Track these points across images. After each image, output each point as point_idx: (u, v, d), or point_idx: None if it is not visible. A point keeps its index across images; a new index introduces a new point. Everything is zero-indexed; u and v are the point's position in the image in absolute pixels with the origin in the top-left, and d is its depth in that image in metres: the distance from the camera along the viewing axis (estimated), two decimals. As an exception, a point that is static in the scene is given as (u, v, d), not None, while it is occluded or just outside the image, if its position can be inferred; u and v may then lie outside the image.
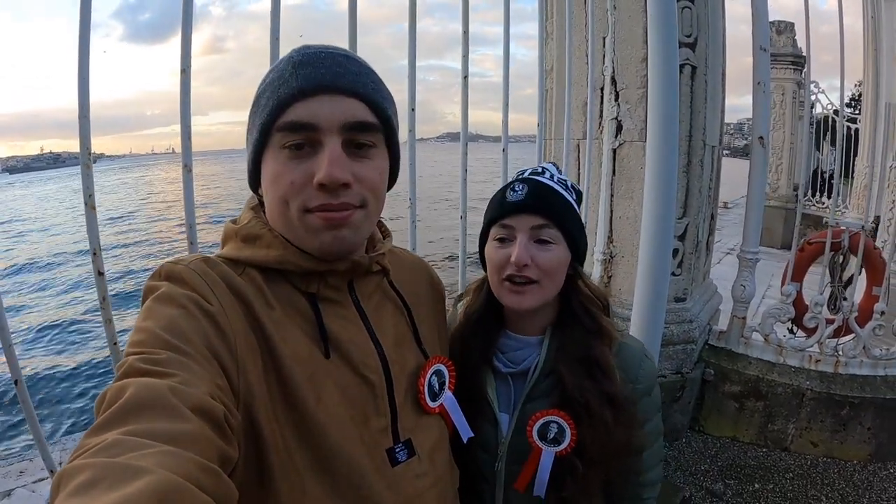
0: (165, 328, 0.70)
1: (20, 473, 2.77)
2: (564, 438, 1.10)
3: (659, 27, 2.11)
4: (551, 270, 1.14)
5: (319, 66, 0.83)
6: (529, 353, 1.20)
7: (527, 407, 1.15)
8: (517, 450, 1.15)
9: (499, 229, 1.17)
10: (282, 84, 0.83)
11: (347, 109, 0.83)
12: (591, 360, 1.14)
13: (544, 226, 1.14)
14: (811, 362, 3.67)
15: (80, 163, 1.46)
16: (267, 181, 0.86)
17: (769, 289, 6.87)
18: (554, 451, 1.11)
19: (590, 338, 1.17)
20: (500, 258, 1.15)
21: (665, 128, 2.15)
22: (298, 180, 0.81)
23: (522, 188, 1.16)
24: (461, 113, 2.20)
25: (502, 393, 1.20)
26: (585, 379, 1.12)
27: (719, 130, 3.99)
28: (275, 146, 0.83)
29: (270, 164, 0.84)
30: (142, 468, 0.50)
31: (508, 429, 1.17)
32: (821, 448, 3.58)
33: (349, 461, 0.82)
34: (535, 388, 1.16)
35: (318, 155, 0.82)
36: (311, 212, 0.83)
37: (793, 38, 11.41)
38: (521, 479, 1.13)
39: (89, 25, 1.40)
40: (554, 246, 1.14)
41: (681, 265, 3.63)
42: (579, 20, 3.37)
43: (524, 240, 1.13)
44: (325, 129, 0.81)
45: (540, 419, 1.12)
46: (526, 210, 1.14)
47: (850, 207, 8.74)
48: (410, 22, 1.98)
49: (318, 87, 0.82)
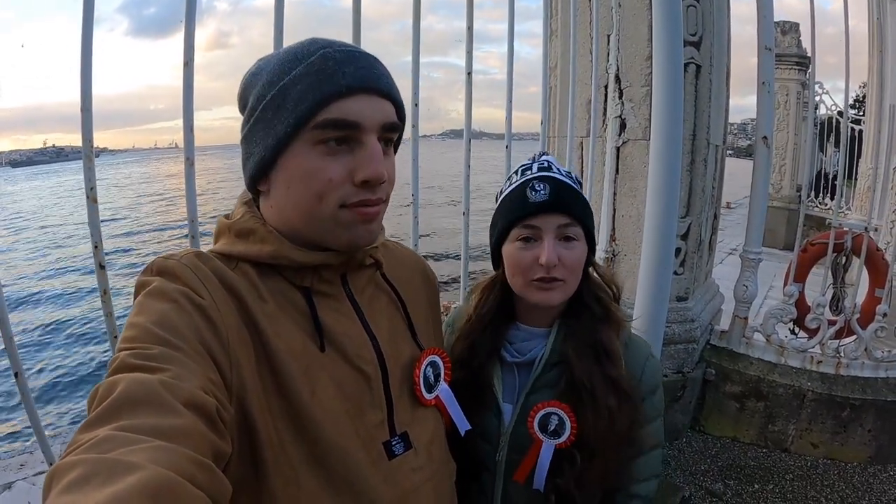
0: (157, 323, 0.70)
1: (20, 466, 2.77)
2: (564, 431, 1.10)
3: (664, 25, 2.10)
4: (577, 267, 1.15)
5: (360, 65, 0.84)
6: (536, 344, 1.20)
7: (530, 398, 1.16)
8: (519, 440, 1.15)
9: (522, 230, 1.15)
10: (323, 79, 0.81)
11: (385, 110, 0.85)
12: (598, 344, 1.15)
13: (569, 224, 1.14)
14: (813, 363, 3.67)
15: (83, 156, 1.46)
16: (291, 177, 0.84)
17: (771, 289, 6.86)
18: (554, 443, 1.11)
19: (598, 323, 1.18)
20: (528, 260, 1.14)
21: (669, 126, 2.14)
22: (338, 177, 0.82)
23: (544, 187, 1.14)
24: (465, 109, 2.19)
25: (507, 383, 1.20)
26: (592, 364, 1.13)
27: (723, 130, 3.98)
28: (307, 141, 0.82)
29: (300, 160, 0.83)
30: (134, 464, 0.50)
31: (511, 419, 1.17)
32: (821, 449, 3.58)
33: (344, 455, 0.81)
34: (540, 378, 1.17)
35: (357, 152, 0.82)
36: (346, 207, 0.83)
37: (797, 39, 11.39)
38: (521, 470, 1.13)
39: (92, 17, 1.39)
40: (577, 243, 1.15)
41: (683, 264, 3.62)
42: (584, 18, 3.36)
43: (552, 240, 1.12)
44: (367, 128, 0.82)
45: (541, 410, 1.12)
46: (552, 210, 1.13)
47: (853, 209, 8.72)
48: (415, 18, 1.98)
49: (363, 86, 0.82)
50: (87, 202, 1.46)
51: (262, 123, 0.85)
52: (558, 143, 3.75)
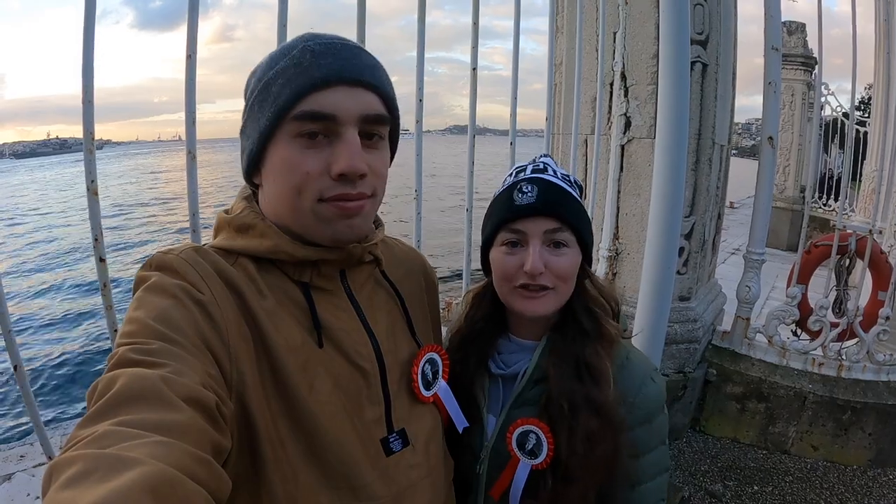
0: (157, 318, 0.70)
1: (20, 458, 2.78)
2: (541, 451, 1.03)
3: (671, 23, 2.08)
4: (567, 276, 1.08)
5: (338, 56, 0.83)
6: (522, 357, 1.14)
7: (513, 412, 1.10)
8: (499, 455, 1.09)
9: (507, 234, 1.08)
10: (300, 72, 0.81)
11: (365, 102, 0.84)
12: (582, 363, 1.06)
13: (558, 229, 1.06)
14: (814, 365, 3.67)
15: (84, 148, 1.45)
16: (274, 170, 0.85)
17: (773, 290, 6.84)
18: (530, 463, 1.04)
19: (585, 339, 1.09)
20: (511, 266, 1.08)
21: (675, 125, 2.13)
22: (315, 170, 0.81)
23: (531, 189, 1.07)
24: (469, 106, 2.18)
25: (493, 394, 1.15)
26: (573, 382, 1.05)
27: (729, 129, 3.97)
28: (287, 134, 0.82)
29: (281, 153, 0.83)
30: (133, 459, 0.50)
31: (493, 432, 1.12)
32: (821, 452, 3.58)
33: (341, 451, 0.81)
34: (523, 393, 1.11)
35: (335, 145, 0.82)
36: (325, 201, 0.82)
37: (804, 39, 11.33)
38: (497, 486, 1.08)
39: (94, 7, 1.38)
40: (568, 249, 1.08)
41: (686, 264, 3.61)
42: (590, 15, 3.35)
43: (537, 246, 1.05)
44: (344, 120, 0.81)
45: (519, 427, 1.06)
46: (538, 213, 1.06)
47: (856, 211, 8.69)
48: (420, 13, 1.97)
49: (340, 78, 0.81)
50: (88, 195, 1.46)
51: (251, 117, 0.87)
52: (563, 140, 3.74)
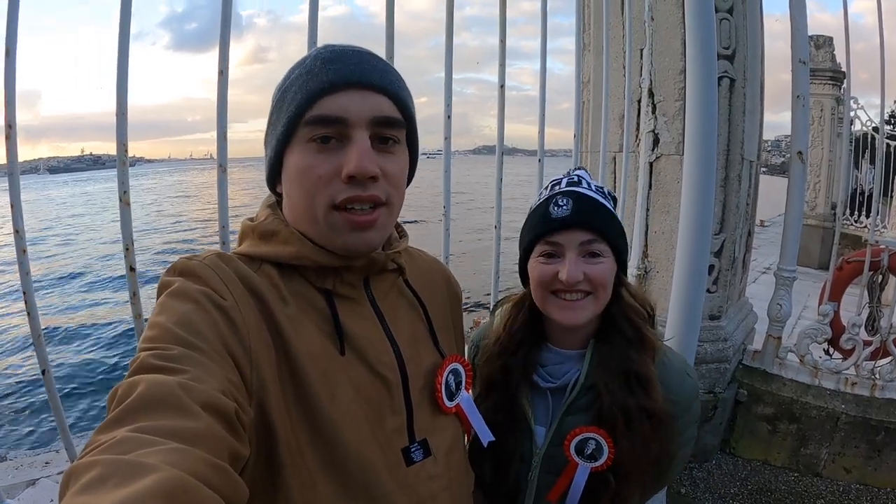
0: (178, 323, 0.71)
1: (45, 464, 2.83)
2: (602, 455, 1.09)
3: (697, 39, 2.07)
4: (604, 282, 1.12)
5: (348, 61, 0.85)
6: (570, 368, 1.18)
7: (565, 421, 1.14)
8: (552, 461, 1.14)
9: (544, 246, 1.14)
10: (310, 79, 0.84)
11: (376, 104, 0.85)
12: (631, 374, 1.12)
13: (593, 241, 1.11)
14: (847, 385, 3.57)
15: (117, 160, 1.49)
16: (291, 175, 0.86)
17: (805, 309, 6.71)
18: (590, 466, 1.10)
19: (631, 350, 1.15)
20: (548, 274, 1.12)
21: (703, 141, 2.11)
22: (326, 173, 0.82)
23: (567, 202, 1.12)
24: (497, 122, 2.19)
25: (539, 405, 1.19)
26: (626, 395, 1.10)
27: (757, 145, 3.92)
28: (301, 140, 0.84)
29: (296, 158, 0.85)
30: (150, 465, 0.50)
31: (544, 441, 1.16)
32: (854, 474, 3.47)
33: (361, 460, 0.81)
34: (575, 402, 1.15)
35: (346, 148, 0.83)
36: (337, 209, 0.83)
37: (831, 53, 11.17)
38: (555, 490, 1.12)
39: (129, 22, 1.42)
40: (603, 258, 1.12)
41: (716, 282, 3.57)
42: (616, 32, 3.36)
43: (573, 256, 1.10)
44: (354, 123, 0.82)
45: (578, 435, 1.10)
46: (573, 226, 1.11)
47: (889, 227, 8.52)
48: (447, 34, 1.99)
49: (348, 81, 0.83)
50: (120, 205, 1.49)
51: (271, 126, 0.89)
52: (591, 157, 3.73)
